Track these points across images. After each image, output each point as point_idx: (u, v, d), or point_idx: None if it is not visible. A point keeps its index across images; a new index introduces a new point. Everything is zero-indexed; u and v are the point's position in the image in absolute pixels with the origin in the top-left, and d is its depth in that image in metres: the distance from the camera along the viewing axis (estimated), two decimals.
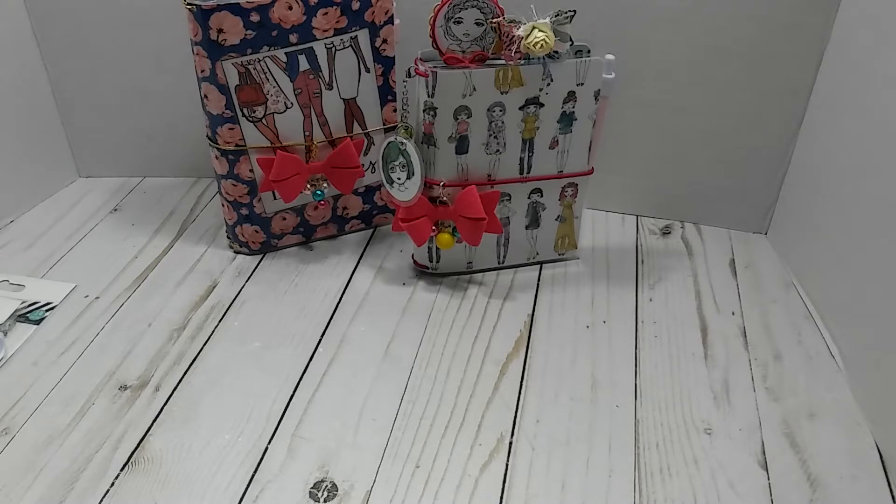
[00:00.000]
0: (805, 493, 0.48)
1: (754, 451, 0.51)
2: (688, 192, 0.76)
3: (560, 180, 0.65)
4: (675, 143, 0.73)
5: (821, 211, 0.66)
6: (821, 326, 0.63)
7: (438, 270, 0.68)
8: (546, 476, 0.49)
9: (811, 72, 0.66)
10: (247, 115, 0.63)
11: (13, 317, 0.62)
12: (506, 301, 0.65)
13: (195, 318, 0.62)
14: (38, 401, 0.54)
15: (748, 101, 0.69)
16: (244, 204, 0.67)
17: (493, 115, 0.60)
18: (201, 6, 0.57)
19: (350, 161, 0.66)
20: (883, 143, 0.56)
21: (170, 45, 0.72)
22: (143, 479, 0.48)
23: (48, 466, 0.49)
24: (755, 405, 0.55)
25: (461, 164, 0.62)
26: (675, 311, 0.64)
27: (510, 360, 0.59)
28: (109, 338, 0.60)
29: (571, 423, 0.53)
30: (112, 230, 0.74)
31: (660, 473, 0.50)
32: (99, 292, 0.65)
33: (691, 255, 0.72)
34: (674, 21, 0.67)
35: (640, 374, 0.58)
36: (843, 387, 0.57)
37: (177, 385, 0.56)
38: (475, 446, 0.51)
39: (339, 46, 0.63)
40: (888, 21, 0.56)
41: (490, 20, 0.58)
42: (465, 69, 0.58)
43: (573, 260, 0.71)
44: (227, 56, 0.60)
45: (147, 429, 0.52)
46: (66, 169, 0.82)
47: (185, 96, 0.71)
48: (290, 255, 0.71)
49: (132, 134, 0.81)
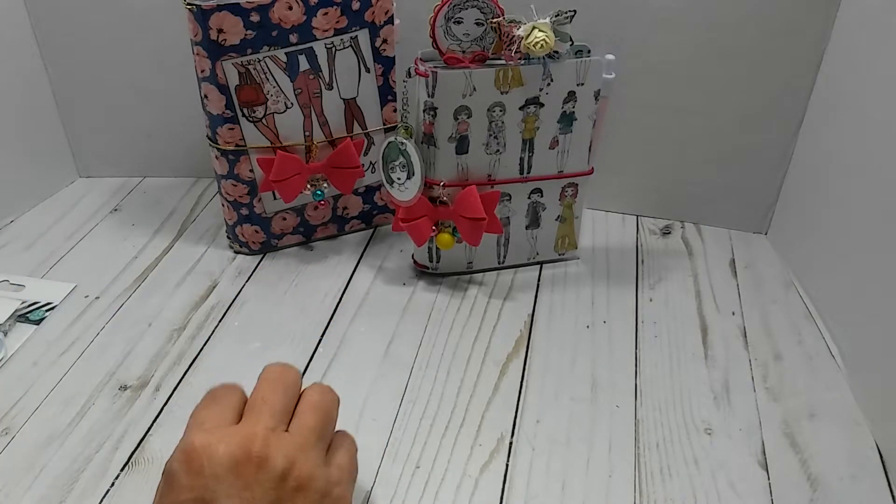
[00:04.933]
0: (805, 493, 0.48)
1: (754, 451, 0.51)
2: (688, 192, 0.76)
3: (560, 180, 0.65)
4: (675, 143, 0.73)
5: (821, 211, 0.66)
6: (821, 326, 0.63)
7: (438, 270, 0.68)
8: (546, 476, 0.49)
9: (811, 72, 0.66)
10: (247, 115, 0.63)
11: (13, 317, 0.62)
12: (506, 301, 0.65)
13: (195, 318, 0.62)
14: (38, 401, 0.54)
15: (748, 101, 0.69)
16: (244, 204, 0.67)
17: (493, 115, 0.60)
18: (201, 6, 0.57)
19: (350, 161, 0.66)
20: (883, 143, 0.56)
21: (170, 45, 0.72)
22: (143, 479, 0.48)
23: (48, 466, 0.49)
24: (755, 405, 0.55)
25: (461, 164, 0.62)
26: (675, 311, 0.64)
27: (510, 360, 0.59)
28: (109, 338, 0.60)
29: (571, 423, 0.53)
30: (112, 230, 0.74)
31: (660, 473, 0.50)
32: (99, 292, 0.65)
33: (691, 255, 0.72)
34: (674, 21, 0.67)
35: (640, 374, 0.58)
36: (843, 387, 0.57)
37: (177, 385, 0.56)
38: (475, 446, 0.51)
39: (339, 46, 0.63)
40: (888, 21, 0.56)
41: (490, 20, 0.57)
42: (465, 69, 0.58)
43: (573, 260, 0.71)
44: (227, 56, 0.60)
45: (147, 429, 0.52)
46: (66, 169, 0.82)
47: (185, 96, 0.71)
48: (290, 255, 0.71)
49: (132, 134, 0.81)
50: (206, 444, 0.37)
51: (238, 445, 0.37)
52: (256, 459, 0.36)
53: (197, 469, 0.36)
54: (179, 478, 0.36)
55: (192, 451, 0.36)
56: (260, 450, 0.37)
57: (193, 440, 0.37)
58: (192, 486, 0.36)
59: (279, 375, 0.42)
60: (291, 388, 0.42)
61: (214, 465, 0.36)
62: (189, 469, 0.36)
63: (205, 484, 0.36)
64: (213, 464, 0.36)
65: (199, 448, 0.36)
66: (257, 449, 0.37)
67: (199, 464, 0.36)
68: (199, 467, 0.36)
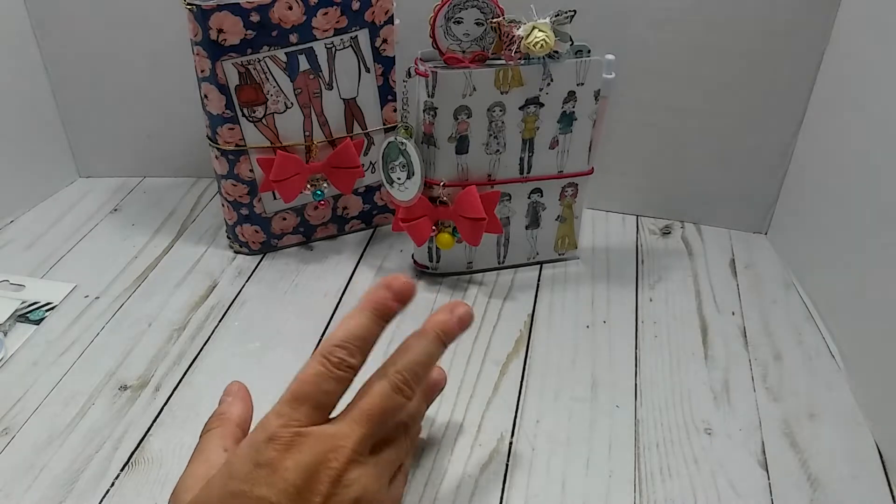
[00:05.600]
0: (805, 493, 0.48)
1: (754, 451, 0.51)
2: (688, 192, 0.76)
3: (560, 180, 0.65)
4: (675, 143, 0.73)
5: (821, 211, 0.65)
6: (821, 326, 0.63)
7: (438, 270, 0.68)
8: (546, 476, 0.49)
9: (811, 72, 0.66)
10: (247, 115, 0.63)
11: (13, 317, 0.62)
12: (506, 301, 0.65)
13: (195, 318, 0.62)
14: (38, 401, 0.54)
15: (748, 101, 0.69)
16: (244, 204, 0.67)
17: (493, 114, 0.60)
18: (201, 6, 0.57)
19: (350, 161, 0.66)
20: (883, 143, 0.56)
21: (170, 45, 0.72)
22: (143, 479, 0.48)
23: (48, 466, 0.49)
24: (755, 405, 0.55)
25: (461, 164, 0.62)
26: (675, 311, 0.64)
27: (510, 360, 0.59)
28: (109, 338, 0.60)
29: (571, 423, 0.53)
30: (112, 230, 0.74)
31: (660, 473, 0.49)
32: (99, 292, 0.65)
33: (691, 255, 0.72)
34: (674, 21, 0.67)
35: (640, 374, 0.58)
36: (843, 387, 0.57)
37: (177, 385, 0.56)
38: (475, 446, 0.51)
39: (339, 46, 0.63)
40: (888, 21, 0.56)
41: (490, 20, 0.58)
42: (465, 69, 0.58)
43: (573, 260, 0.71)
44: (227, 56, 0.60)
45: (147, 429, 0.52)
46: (66, 169, 0.82)
47: (185, 96, 0.71)
48: (290, 255, 0.71)
49: (132, 134, 0.81)
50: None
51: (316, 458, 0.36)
52: (332, 482, 0.36)
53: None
54: (285, 463, 0.36)
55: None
56: (337, 475, 0.36)
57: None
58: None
59: (399, 387, 0.39)
60: (403, 408, 0.40)
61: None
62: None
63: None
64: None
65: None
66: (335, 473, 0.36)
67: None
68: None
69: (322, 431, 0.37)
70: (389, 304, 0.40)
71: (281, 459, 0.36)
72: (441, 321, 0.42)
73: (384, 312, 0.40)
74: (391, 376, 0.39)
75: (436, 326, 0.42)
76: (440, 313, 0.42)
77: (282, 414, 0.37)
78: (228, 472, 0.37)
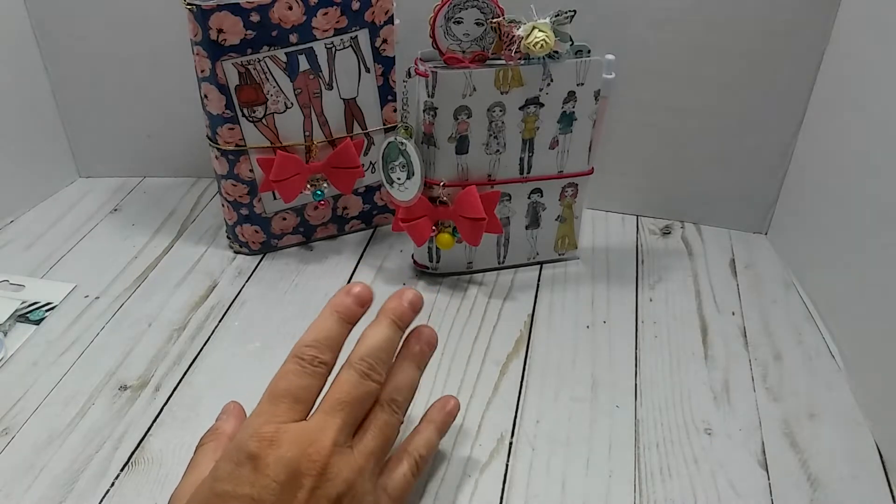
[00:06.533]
0: (805, 493, 0.48)
1: (754, 451, 0.51)
2: (688, 192, 0.76)
3: (560, 180, 0.65)
4: (675, 143, 0.73)
5: (821, 211, 0.66)
6: (821, 326, 0.63)
7: (438, 270, 0.68)
8: (546, 476, 0.49)
9: (811, 72, 0.66)
10: (247, 115, 0.63)
11: (13, 317, 0.62)
12: (506, 301, 0.65)
13: (195, 318, 0.62)
14: (38, 401, 0.54)
15: (748, 101, 0.69)
16: (244, 204, 0.67)
17: (493, 115, 0.60)
18: (201, 6, 0.57)
19: (350, 161, 0.66)
20: (883, 143, 0.56)
21: (170, 45, 0.72)
22: (143, 479, 0.48)
23: (48, 466, 0.49)
24: (755, 405, 0.55)
25: (461, 164, 0.62)
26: (675, 311, 0.64)
27: (510, 360, 0.59)
28: (109, 338, 0.60)
29: (571, 423, 0.53)
30: (112, 230, 0.74)
31: (660, 473, 0.50)
32: (99, 292, 0.65)
33: (691, 255, 0.72)
34: (674, 21, 0.67)
35: (640, 374, 0.58)
36: (843, 387, 0.57)
37: (177, 385, 0.56)
38: (475, 446, 0.51)
39: (339, 46, 0.63)
40: (888, 21, 0.56)
41: (490, 20, 0.58)
42: (465, 69, 0.58)
43: (573, 260, 0.71)
44: (227, 56, 0.60)
45: (147, 429, 0.52)
46: (66, 169, 0.82)
47: (185, 96, 0.71)
48: (290, 255, 0.71)
49: (132, 134, 0.81)
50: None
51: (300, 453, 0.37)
52: (316, 475, 0.37)
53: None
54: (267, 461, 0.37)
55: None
56: (321, 468, 0.37)
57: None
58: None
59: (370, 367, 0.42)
60: (373, 394, 0.42)
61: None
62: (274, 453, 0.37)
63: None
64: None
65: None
66: (318, 466, 0.37)
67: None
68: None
69: (301, 427, 0.38)
70: (353, 309, 0.42)
71: (263, 457, 0.37)
72: (393, 307, 0.44)
73: (348, 316, 0.42)
74: (356, 364, 0.41)
75: (389, 313, 0.44)
76: (391, 301, 0.44)
77: (261, 413, 0.39)
78: (214, 474, 0.38)
